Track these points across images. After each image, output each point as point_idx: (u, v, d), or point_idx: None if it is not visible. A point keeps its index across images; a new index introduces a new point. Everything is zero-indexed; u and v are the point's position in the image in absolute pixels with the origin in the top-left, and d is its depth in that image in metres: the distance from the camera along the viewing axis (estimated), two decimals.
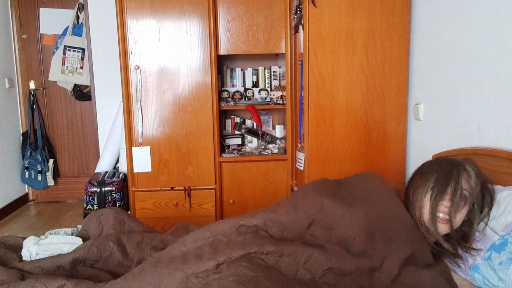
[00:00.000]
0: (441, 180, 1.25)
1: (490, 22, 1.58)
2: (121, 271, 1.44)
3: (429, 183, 1.26)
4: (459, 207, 1.22)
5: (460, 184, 1.23)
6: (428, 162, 1.36)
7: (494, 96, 1.57)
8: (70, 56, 3.53)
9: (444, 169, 1.27)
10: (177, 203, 2.71)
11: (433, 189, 1.25)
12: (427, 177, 1.28)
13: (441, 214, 1.22)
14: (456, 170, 1.25)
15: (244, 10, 2.67)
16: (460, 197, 1.21)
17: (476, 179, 1.26)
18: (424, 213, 1.25)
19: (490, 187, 1.31)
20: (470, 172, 1.26)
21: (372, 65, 2.18)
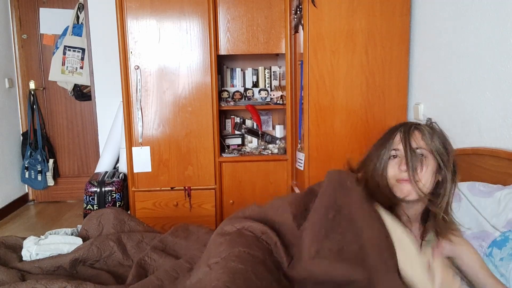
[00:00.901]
0: (387, 135, 1.21)
1: (490, 22, 1.58)
2: (121, 271, 1.44)
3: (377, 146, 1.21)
4: (415, 165, 1.11)
5: (409, 141, 1.14)
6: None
7: (494, 96, 1.57)
8: (70, 56, 3.53)
9: (391, 129, 1.21)
10: (177, 203, 2.71)
11: (382, 146, 1.19)
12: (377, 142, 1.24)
13: (403, 174, 1.12)
14: (402, 126, 1.18)
15: (244, 10, 2.67)
16: (411, 153, 1.12)
17: (432, 135, 1.16)
18: (388, 176, 1.16)
19: (448, 144, 1.20)
20: (423, 131, 1.17)
21: (372, 65, 2.18)
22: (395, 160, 1.16)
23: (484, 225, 1.27)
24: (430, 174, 1.13)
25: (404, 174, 1.12)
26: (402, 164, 1.13)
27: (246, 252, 1.09)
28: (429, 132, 1.16)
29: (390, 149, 1.17)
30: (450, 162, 1.15)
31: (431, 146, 1.14)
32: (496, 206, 1.27)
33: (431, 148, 1.14)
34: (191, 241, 1.51)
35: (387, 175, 1.16)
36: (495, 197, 1.30)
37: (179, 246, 1.49)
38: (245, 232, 1.21)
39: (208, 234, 1.50)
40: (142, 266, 1.38)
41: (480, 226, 1.28)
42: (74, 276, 1.40)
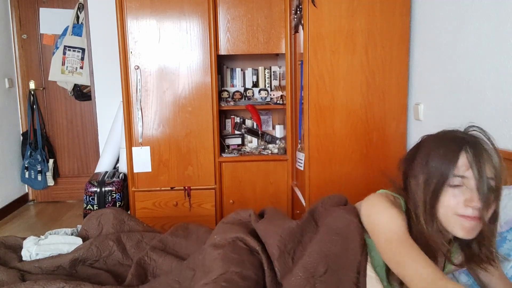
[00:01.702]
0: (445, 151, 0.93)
1: (490, 22, 1.58)
2: (120, 270, 1.44)
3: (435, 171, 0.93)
4: (489, 201, 0.90)
5: (483, 169, 0.89)
6: (426, 142, 1.02)
7: (494, 96, 1.57)
8: (70, 56, 3.53)
9: (449, 140, 0.95)
10: (177, 203, 2.71)
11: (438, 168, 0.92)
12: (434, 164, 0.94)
13: (469, 209, 0.90)
14: (469, 145, 0.92)
15: (244, 10, 2.67)
16: (486, 186, 0.89)
17: (498, 156, 0.93)
18: (443, 210, 0.94)
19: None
20: (490, 151, 0.92)
21: (372, 65, 2.18)
22: (458, 189, 0.92)
23: None
24: (492, 211, 0.94)
25: (471, 211, 0.90)
26: (472, 199, 0.89)
27: (238, 273, 1.06)
28: (496, 154, 0.93)
29: (452, 175, 0.91)
30: (500, 194, 0.94)
31: (501, 174, 0.92)
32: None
33: (498, 176, 0.91)
34: (191, 241, 1.50)
35: (439, 204, 0.93)
36: None
37: (179, 246, 1.49)
38: (239, 244, 1.18)
39: (208, 233, 1.50)
40: (141, 265, 1.38)
41: None
42: (74, 275, 1.40)
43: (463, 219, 0.91)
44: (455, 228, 0.93)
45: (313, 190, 2.24)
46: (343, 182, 2.23)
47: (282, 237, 1.12)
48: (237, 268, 1.07)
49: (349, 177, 2.23)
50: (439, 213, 0.94)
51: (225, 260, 1.11)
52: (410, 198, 0.99)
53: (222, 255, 1.13)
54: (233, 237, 1.20)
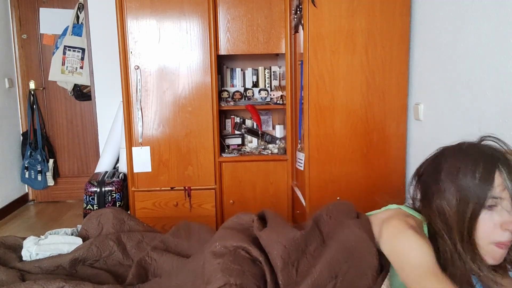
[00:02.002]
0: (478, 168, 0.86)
1: (490, 22, 1.58)
2: (121, 271, 1.44)
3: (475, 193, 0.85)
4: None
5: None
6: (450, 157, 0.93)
7: (494, 96, 1.57)
8: (70, 56, 3.53)
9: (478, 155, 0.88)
10: (177, 203, 2.71)
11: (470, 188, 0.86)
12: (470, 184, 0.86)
13: (507, 233, 0.84)
14: (501, 162, 0.87)
15: (244, 10, 2.67)
16: None
17: None
18: (480, 236, 0.87)
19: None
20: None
21: (372, 65, 2.18)
22: (494, 212, 0.85)
23: None
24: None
25: (508, 235, 0.84)
26: (509, 223, 0.84)
27: (238, 286, 1.03)
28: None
29: (489, 196, 0.84)
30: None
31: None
32: None
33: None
34: (193, 241, 1.50)
35: (476, 233, 0.87)
36: None
37: (181, 247, 1.48)
38: (241, 253, 1.13)
39: (210, 233, 1.50)
40: (142, 265, 1.37)
41: None
42: (74, 275, 1.40)
43: (497, 248, 0.86)
44: (486, 256, 0.88)
45: (313, 190, 2.24)
46: (343, 182, 2.23)
47: (286, 248, 1.08)
48: (237, 280, 1.04)
49: (349, 177, 2.23)
50: (477, 238, 0.87)
51: (225, 271, 1.08)
52: (439, 222, 0.91)
53: (222, 265, 1.10)
54: (234, 245, 1.16)
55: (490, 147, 0.92)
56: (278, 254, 1.08)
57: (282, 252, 1.08)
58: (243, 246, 1.15)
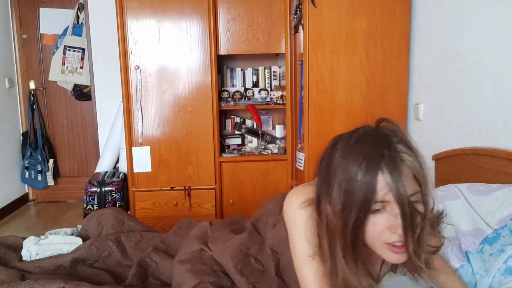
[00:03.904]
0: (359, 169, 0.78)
1: (490, 22, 1.58)
2: (120, 271, 1.44)
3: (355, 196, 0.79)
4: (415, 222, 0.79)
5: (404, 190, 0.77)
6: (339, 155, 0.84)
7: (494, 96, 1.57)
8: (70, 56, 3.53)
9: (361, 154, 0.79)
10: (177, 203, 2.71)
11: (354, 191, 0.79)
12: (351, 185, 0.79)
13: (396, 236, 0.79)
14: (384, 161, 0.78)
15: (244, 10, 2.67)
16: (409, 208, 0.77)
17: (420, 162, 0.81)
18: (370, 240, 0.83)
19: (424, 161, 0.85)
20: (408, 159, 0.80)
21: (372, 65, 2.18)
22: (380, 216, 0.80)
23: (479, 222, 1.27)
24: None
25: (397, 237, 0.79)
26: (395, 226, 0.78)
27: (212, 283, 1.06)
28: (416, 161, 0.80)
29: (374, 201, 0.78)
30: (429, 189, 0.83)
31: (422, 185, 0.80)
32: (492, 204, 1.28)
33: (425, 185, 0.81)
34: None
35: (366, 238, 0.82)
36: (493, 196, 1.30)
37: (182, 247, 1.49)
38: (206, 254, 1.17)
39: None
40: (142, 266, 1.37)
41: (475, 224, 1.28)
42: (74, 275, 1.40)
43: (388, 249, 0.81)
44: (385, 255, 0.83)
45: None
46: None
47: (232, 258, 1.10)
48: (211, 278, 1.06)
49: None
50: (366, 241, 0.83)
51: (196, 272, 1.09)
52: (322, 224, 0.85)
53: (191, 268, 1.10)
54: (198, 248, 1.18)
55: (380, 138, 0.82)
56: (230, 264, 1.10)
57: (232, 263, 1.10)
58: (205, 248, 1.18)
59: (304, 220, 0.91)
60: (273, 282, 1.04)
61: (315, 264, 0.89)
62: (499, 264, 1.12)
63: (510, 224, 1.18)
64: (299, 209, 0.92)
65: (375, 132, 0.84)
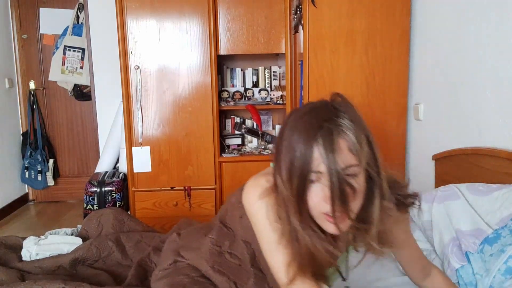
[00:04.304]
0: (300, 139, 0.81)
1: (490, 22, 1.58)
2: (119, 271, 1.44)
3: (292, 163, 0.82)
4: (345, 195, 0.80)
5: (334, 162, 0.79)
6: (288, 127, 0.87)
7: (494, 96, 1.57)
8: (70, 56, 3.53)
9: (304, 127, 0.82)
10: (177, 203, 2.71)
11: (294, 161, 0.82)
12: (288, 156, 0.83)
13: (328, 206, 0.81)
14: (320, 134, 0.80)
15: (244, 10, 2.67)
16: (338, 180, 0.79)
17: (358, 135, 0.82)
18: (311, 208, 0.86)
19: (371, 138, 0.86)
20: (348, 136, 0.81)
21: (372, 65, 2.17)
22: (316, 186, 0.82)
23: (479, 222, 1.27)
24: (361, 196, 0.84)
25: (328, 208, 0.81)
26: (327, 197, 0.80)
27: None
28: (355, 135, 0.81)
29: (310, 171, 0.81)
30: (379, 166, 0.85)
31: (361, 157, 0.81)
32: (492, 205, 1.28)
33: (361, 159, 0.81)
34: None
35: (308, 203, 0.84)
36: (492, 196, 1.30)
37: None
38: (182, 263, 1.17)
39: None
40: (142, 266, 1.37)
41: (475, 224, 1.28)
42: (74, 275, 1.40)
43: (328, 217, 0.83)
44: (324, 225, 0.85)
45: None
46: None
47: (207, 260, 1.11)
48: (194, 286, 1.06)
49: None
50: (310, 211, 0.85)
51: (175, 285, 1.08)
52: (279, 198, 0.89)
53: (168, 282, 1.09)
54: (171, 262, 1.17)
55: (325, 112, 0.84)
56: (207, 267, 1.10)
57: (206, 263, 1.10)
58: (178, 259, 1.17)
59: (265, 212, 0.94)
60: (250, 274, 1.05)
61: (283, 250, 0.91)
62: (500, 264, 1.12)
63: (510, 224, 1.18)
64: (258, 202, 0.95)
65: (323, 106, 0.86)
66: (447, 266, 1.28)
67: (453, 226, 1.33)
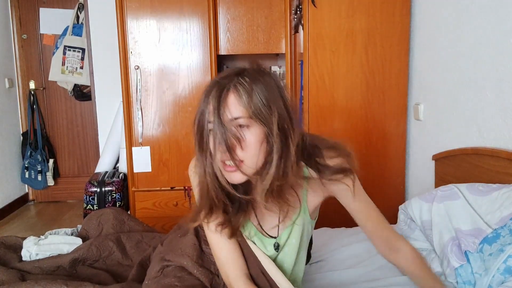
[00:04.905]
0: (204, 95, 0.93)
1: (490, 22, 1.58)
2: (120, 271, 1.44)
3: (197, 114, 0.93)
4: (232, 145, 0.88)
5: (221, 113, 0.88)
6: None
7: (494, 96, 1.57)
8: (70, 56, 3.53)
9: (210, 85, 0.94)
10: (177, 203, 2.71)
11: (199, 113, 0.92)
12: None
13: (220, 154, 0.90)
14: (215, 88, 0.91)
15: (244, 10, 2.67)
16: (223, 129, 0.87)
17: (251, 94, 0.89)
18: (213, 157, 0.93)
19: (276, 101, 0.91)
20: (239, 91, 0.89)
21: (372, 65, 2.18)
22: (211, 136, 0.92)
23: (478, 222, 1.27)
24: (255, 148, 0.89)
25: (223, 155, 0.89)
26: (217, 143, 0.89)
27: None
28: (247, 92, 0.88)
29: (206, 122, 0.91)
30: (274, 123, 0.89)
31: (250, 111, 0.88)
32: (492, 204, 1.28)
33: (250, 113, 0.88)
34: None
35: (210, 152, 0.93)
36: (492, 195, 1.30)
37: None
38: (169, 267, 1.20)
39: None
40: (143, 267, 1.37)
41: (474, 223, 1.28)
42: (74, 276, 1.40)
43: (224, 165, 0.91)
44: (225, 175, 0.93)
45: None
46: None
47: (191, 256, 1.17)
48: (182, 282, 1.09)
49: None
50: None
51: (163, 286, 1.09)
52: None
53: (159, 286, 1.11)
54: (158, 269, 1.19)
55: (231, 72, 0.94)
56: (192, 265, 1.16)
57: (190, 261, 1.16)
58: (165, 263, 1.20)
59: (193, 179, 1.06)
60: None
61: (212, 222, 1.00)
62: (499, 264, 1.12)
63: (509, 224, 1.18)
64: (191, 172, 1.07)
65: (233, 69, 0.95)
66: (446, 265, 1.28)
67: (452, 225, 1.33)
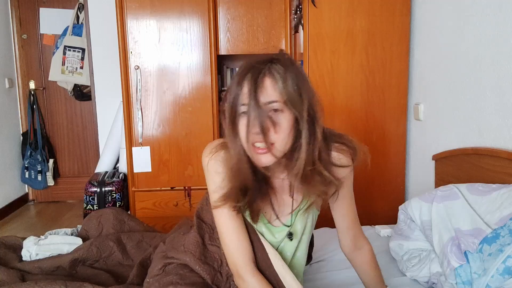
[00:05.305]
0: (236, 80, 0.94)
1: (490, 22, 1.58)
2: (120, 271, 1.44)
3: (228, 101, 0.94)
4: (267, 127, 0.90)
5: (258, 96, 0.90)
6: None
7: (494, 96, 1.57)
8: (70, 56, 3.53)
9: (243, 70, 0.95)
10: (177, 203, 2.71)
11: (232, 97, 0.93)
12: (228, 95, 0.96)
13: (253, 136, 0.91)
14: (251, 71, 0.92)
15: (244, 10, 2.67)
16: (259, 113, 0.89)
17: (285, 79, 0.92)
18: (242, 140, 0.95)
19: (306, 89, 0.96)
20: (275, 76, 0.91)
21: (372, 65, 2.18)
22: (244, 118, 0.92)
23: (478, 222, 1.27)
24: (286, 132, 0.92)
25: (255, 137, 0.90)
26: (251, 125, 0.90)
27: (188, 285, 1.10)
28: (282, 77, 0.91)
29: (239, 104, 0.92)
30: (304, 110, 0.93)
31: (284, 96, 0.91)
32: (491, 204, 1.28)
33: (285, 98, 0.91)
34: None
35: (240, 135, 0.94)
36: (492, 195, 1.30)
37: None
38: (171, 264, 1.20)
39: None
40: (144, 266, 1.37)
41: (474, 224, 1.28)
42: (74, 276, 1.40)
43: (255, 148, 0.92)
44: (253, 157, 0.94)
45: None
46: None
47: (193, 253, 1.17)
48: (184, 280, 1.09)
49: None
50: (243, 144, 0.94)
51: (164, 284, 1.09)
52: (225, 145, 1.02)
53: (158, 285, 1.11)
54: (159, 267, 1.20)
55: (264, 58, 0.96)
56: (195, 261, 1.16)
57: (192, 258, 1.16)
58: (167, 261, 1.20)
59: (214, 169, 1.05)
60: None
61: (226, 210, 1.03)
62: (498, 264, 1.12)
63: (509, 224, 1.18)
64: (206, 156, 1.07)
65: (264, 56, 0.97)
66: (446, 265, 1.28)
67: (452, 225, 1.33)
